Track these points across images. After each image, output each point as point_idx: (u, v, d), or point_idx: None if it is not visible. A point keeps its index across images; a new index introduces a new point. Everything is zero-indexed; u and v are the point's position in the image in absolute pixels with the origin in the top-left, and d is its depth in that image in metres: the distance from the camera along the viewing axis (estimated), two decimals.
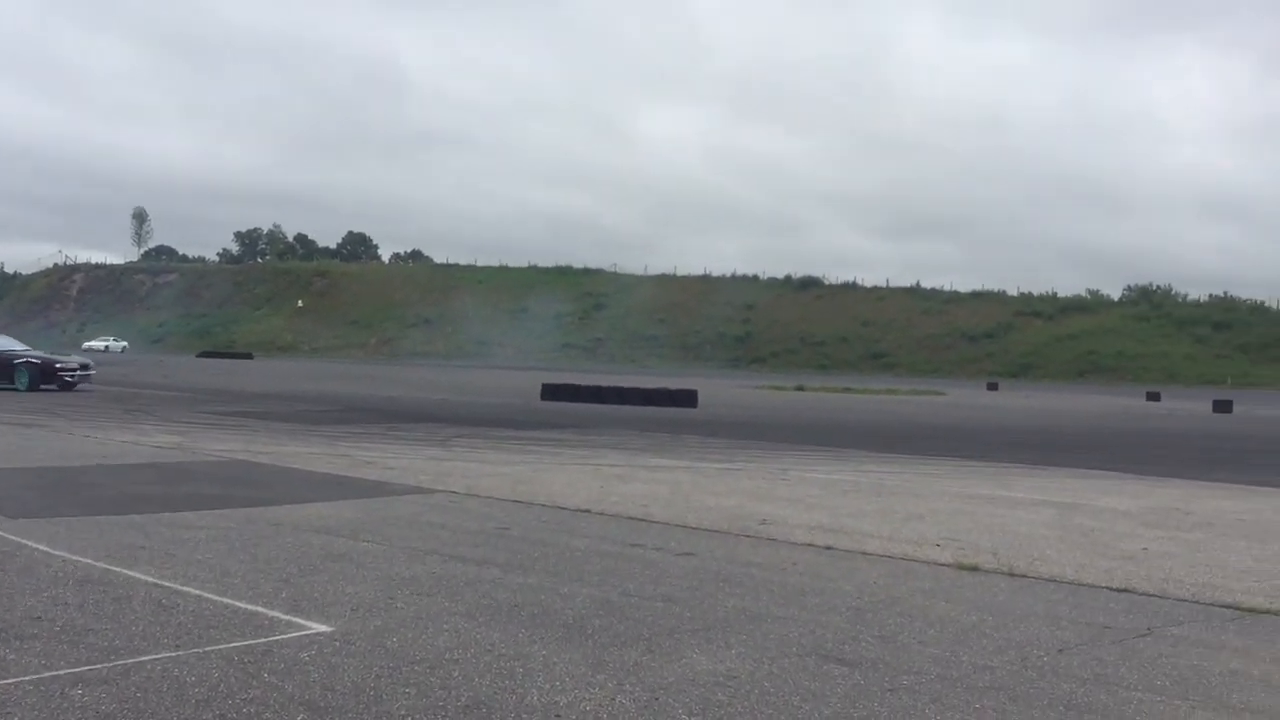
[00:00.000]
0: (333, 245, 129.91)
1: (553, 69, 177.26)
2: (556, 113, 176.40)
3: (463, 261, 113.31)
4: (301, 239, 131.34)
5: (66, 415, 17.58)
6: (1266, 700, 4.20)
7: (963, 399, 43.07)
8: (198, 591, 5.46)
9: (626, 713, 3.87)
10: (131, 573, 5.85)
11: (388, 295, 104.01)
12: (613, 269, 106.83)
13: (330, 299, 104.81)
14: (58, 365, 25.31)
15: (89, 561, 6.11)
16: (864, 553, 7.28)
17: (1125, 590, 6.21)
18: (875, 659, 4.63)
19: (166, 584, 5.61)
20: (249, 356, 71.57)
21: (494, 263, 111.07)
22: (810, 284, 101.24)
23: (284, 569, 6.07)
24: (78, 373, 25.33)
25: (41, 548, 6.47)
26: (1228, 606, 5.86)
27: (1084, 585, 6.35)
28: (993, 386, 59.49)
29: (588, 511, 8.79)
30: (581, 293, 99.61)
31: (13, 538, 6.75)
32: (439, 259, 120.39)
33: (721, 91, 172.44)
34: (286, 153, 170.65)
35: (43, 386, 24.28)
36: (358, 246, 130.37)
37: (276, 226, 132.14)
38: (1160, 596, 6.10)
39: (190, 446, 13.20)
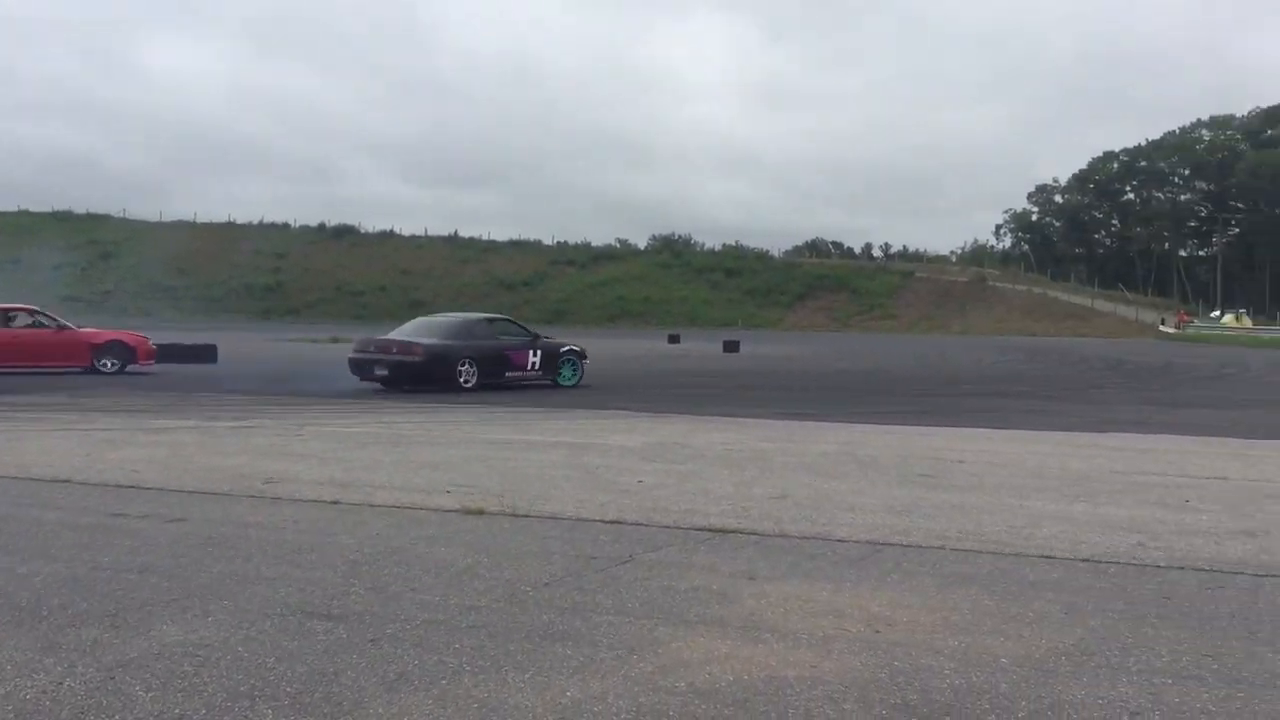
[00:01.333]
0: None
1: None
2: (45, 37, 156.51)
3: None
4: None
5: None
6: (720, 610, 4.59)
7: None
8: None
9: (75, 696, 3.47)
10: None
11: None
12: (122, 215, 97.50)
13: None
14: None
15: None
16: (371, 505, 7.13)
17: (616, 522, 6.57)
18: (363, 611, 4.51)
19: None
20: None
21: None
22: (346, 232, 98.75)
23: None
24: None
25: None
26: (703, 529, 6.37)
27: (581, 520, 6.64)
28: None
29: (67, 481, 7.88)
30: (85, 240, 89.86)
31: None
32: None
33: (243, 27, 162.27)
34: None
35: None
36: None
37: None
38: (647, 525, 6.51)
39: None
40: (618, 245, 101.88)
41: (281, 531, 6.18)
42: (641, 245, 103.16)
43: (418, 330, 18.95)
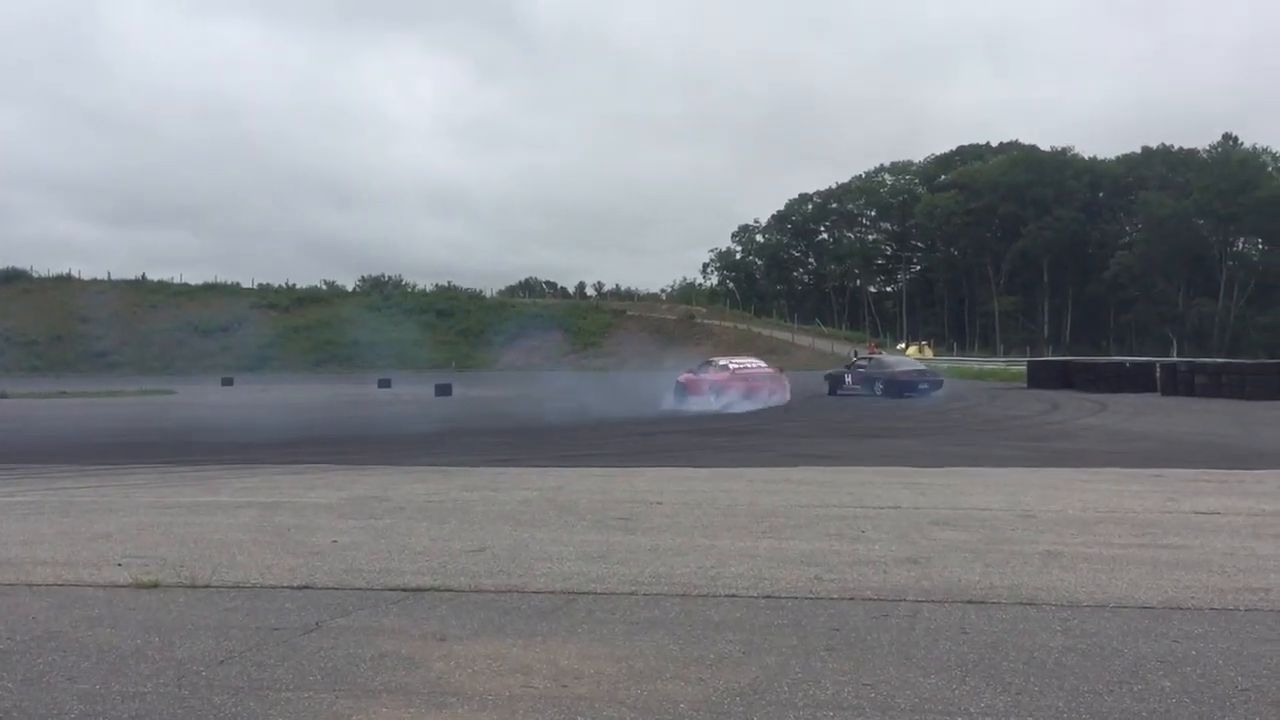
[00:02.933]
0: None
1: None
2: None
3: None
4: None
5: None
6: (406, 677, 4.48)
7: (193, 397, 41.67)
8: None
9: None
10: None
11: None
12: None
13: None
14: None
15: None
16: (30, 585, 6.49)
17: (306, 587, 6.30)
18: (10, 708, 4.08)
19: None
20: None
21: None
22: (16, 277, 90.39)
23: None
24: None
25: None
26: (397, 589, 6.21)
27: (266, 587, 6.32)
28: (227, 382, 58.54)
29: None
30: None
31: None
32: None
33: None
34: None
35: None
36: None
37: None
38: (338, 588, 6.28)
39: None
40: (324, 287, 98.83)
41: None
42: (350, 287, 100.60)
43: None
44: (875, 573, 6.50)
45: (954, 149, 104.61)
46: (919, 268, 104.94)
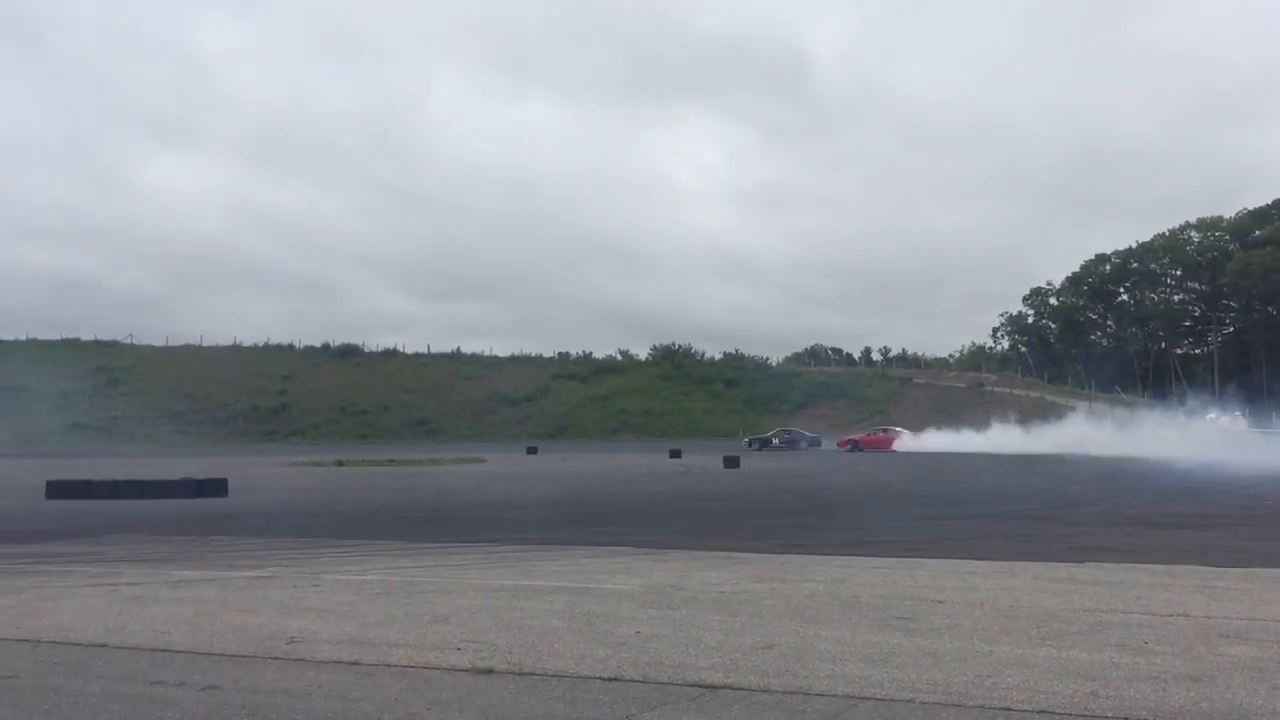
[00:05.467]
0: None
1: (39, 115, 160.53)
2: (47, 162, 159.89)
3: None
4: None
5: None
6: None
7: (503, 466, 44.79)
8: None
9: None
10: None
11: None
12: (129, 340, 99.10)
13: None
14: None
15: None
16: (388, 665, 7.70)
17: (615, 679, 7.15)
18: None
19: None
20: None
21: None
22: (350, 352, 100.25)
23: None
24: None
25: None
26: (694, 685, 6.94)
27: (582, 678, 7.21)
28: (532, 450, 62.29)
29: (104, 645, 8.46)
30: (93, 367, 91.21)
31: None
32: None
33: (241, 144, 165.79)
34: None
35: None
36: None
37: None
38: (643, 681, 7.08)
39: None
40: (619, 357, 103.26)
41: (309, 699, 6.76)
42: (643, 355, 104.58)
43: None
44: (1154, 690, 6.61)
45: (1269, 202, 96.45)
46: (1232, 329, 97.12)
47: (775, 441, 63.93)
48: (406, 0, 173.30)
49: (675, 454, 52.65)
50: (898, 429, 63.35)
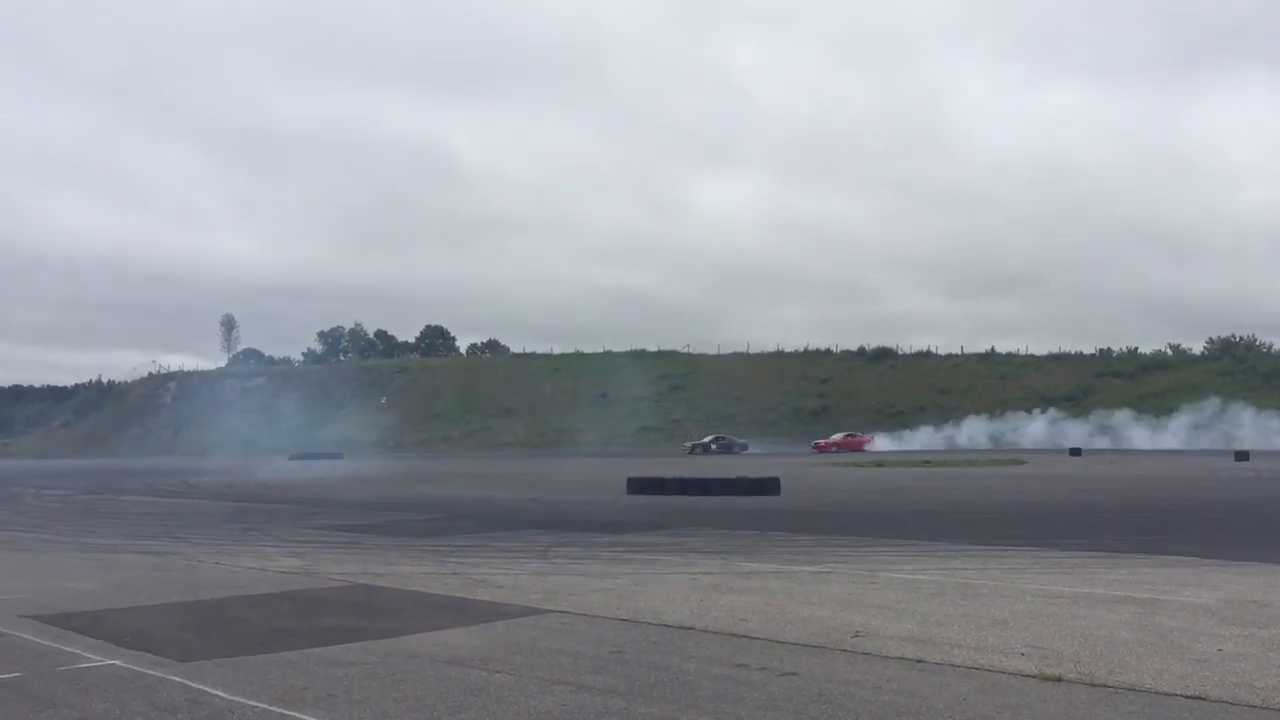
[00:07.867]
0: (411, 339, 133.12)
1: (601, 145, 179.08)
2: (609, 188, 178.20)
3: (538, 347, 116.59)
4: (381, 335, 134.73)
5: (191, 539, 18.78)
6: None
7: (1043, 467, 42.93)
8: None
9: None
10: (306, 717, 6.70)
11: (468, 387, 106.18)
12: (686, 349, 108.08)
13: (412, 394, 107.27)
14: None
15: (264, 706, 6.96)
16: (952, 665, 7.87)
17: (1199, 698, 6.74)
18: None
19: None
20: (338, 457, 73.34)
21: (569, 347, 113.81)
22: (884, 355, 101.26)
23: (433, 708, 6.86)
24: None
25: (219, 693, 7.35)
26: None
27: (1160, 694, 6.88)
28: (1075, 452, 58.99)
29: (691, 629, 9.48)
30: (657, 375, 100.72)
31: (193, 684, 7.65)
32: (514, 345, 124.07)
33: (774, 157, 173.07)
34: (353, 248, 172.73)
35: None
36: (435, 339, 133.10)
37: (358, 325, 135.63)
38: (1231, 703, 6.61)
39: (313, 570, 14.15)
40: (1169, 352, 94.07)
41: (879, 691, 7.12)
42: (1196, 350, 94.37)
43: None
44: None
45: None
46: None
47: (714, 447, 69.10)
48: None
49: (1242, 456, 47.06)
50: None
